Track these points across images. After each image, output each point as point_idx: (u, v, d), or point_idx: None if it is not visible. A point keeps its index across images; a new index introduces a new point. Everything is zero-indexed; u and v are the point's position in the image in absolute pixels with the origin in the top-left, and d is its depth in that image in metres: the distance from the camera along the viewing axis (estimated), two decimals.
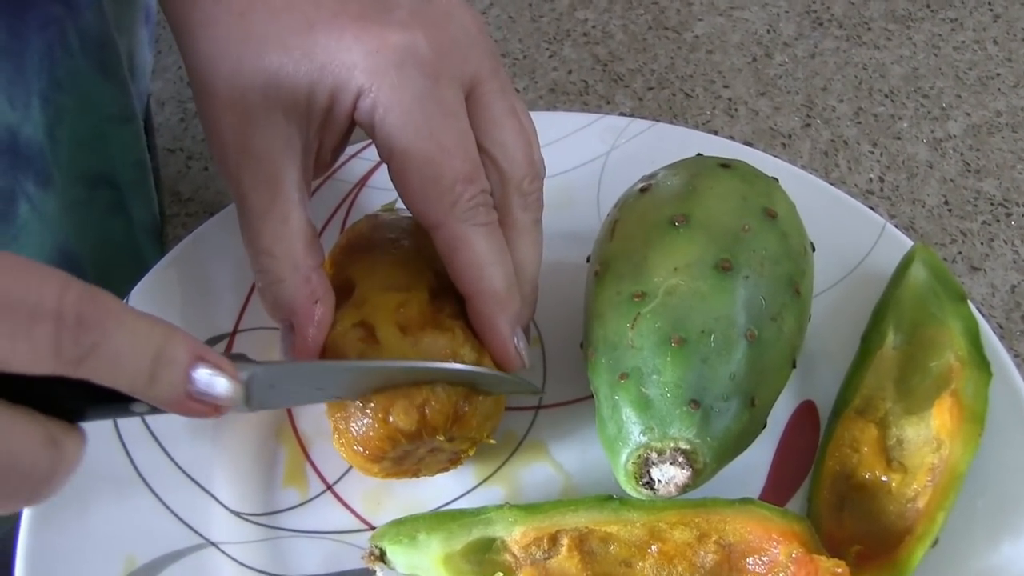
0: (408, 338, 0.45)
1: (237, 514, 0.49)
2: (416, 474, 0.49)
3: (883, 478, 0.48)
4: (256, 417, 0.52)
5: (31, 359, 0.31)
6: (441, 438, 0.45)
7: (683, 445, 0.43)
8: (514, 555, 0.46)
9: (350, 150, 0.62)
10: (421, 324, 0.46)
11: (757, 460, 0.51)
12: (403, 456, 0.46)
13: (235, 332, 0.55)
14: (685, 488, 0.44)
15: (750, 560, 0.45)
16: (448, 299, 0.48)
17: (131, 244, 0.58)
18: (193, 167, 0.68)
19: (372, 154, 0.62)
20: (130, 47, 0.61)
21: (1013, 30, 0.82)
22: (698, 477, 0.44)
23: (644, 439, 0.44)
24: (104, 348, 0.32)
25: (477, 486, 0.51)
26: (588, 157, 0.64)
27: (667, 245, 0.47)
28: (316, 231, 0.46)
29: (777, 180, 0.52)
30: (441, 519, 0.46)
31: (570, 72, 0.78)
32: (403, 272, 0.48)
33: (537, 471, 0.51)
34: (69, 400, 0.34)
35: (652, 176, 0.52)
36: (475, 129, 0.46)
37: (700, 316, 0.45)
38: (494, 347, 0.47)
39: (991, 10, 0.84)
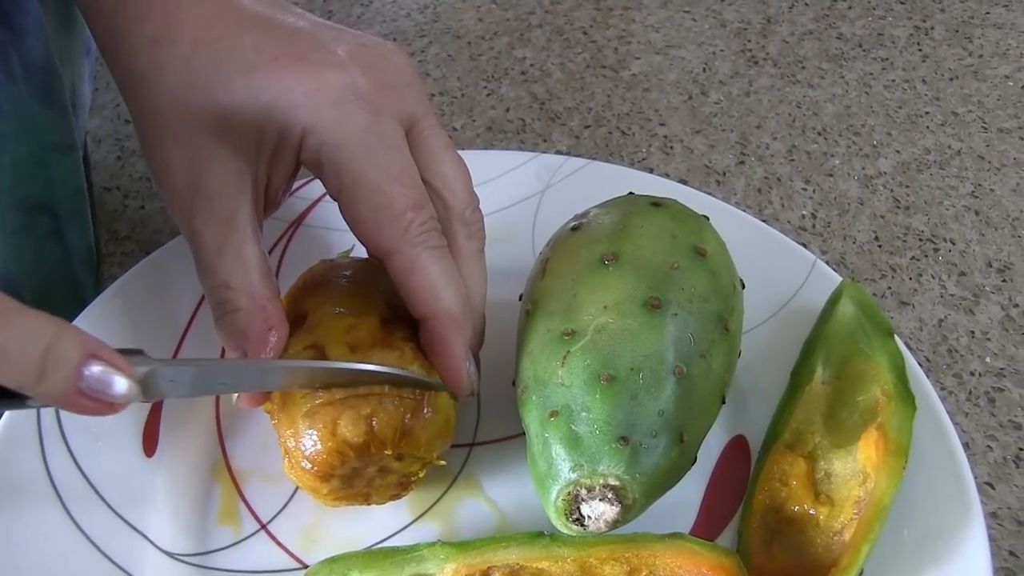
0: (357, 355, 0.46)
1: (169, 554, 0.49)
2: (367, 500, 0.49)
3: (811, 511, 0.49)
4: (190, 455, 0.52)
5: None
6: (389, 453, 0.46)
7: (612, 481, 0.44)
8: None
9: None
10: (371, 344, 0.47)
11: (689, 495, 0.52)
12: (352, 475, 0.46)
13: None
14: (615, 524, 0.44)
15: None
16: (399, 325, 0.48)
17: (68, 273, 0.58)
18: (130, 205, 0.68)
19: (309, 192, 0.63)
20: (73, 79, 0.62)
21: (941, 70, 0.84)
22: (627, 513, 0.44)
23: (574, 476, 0.44)
24: None
25: (411, 523, 0.51)
26: (524, 195, 0.65)
27: (597, 283, 0.48)
28: (269, 264, 0.47)
29: (708, 218, 0.53)
30: (374, 557, 0.46)
31: (508, 110, 0.78)
32: (355, 300, 0.49)
33: (471, 508, 0.52)
34: None
35: (584, 215, 0.53)
36: (416, 163, 0.48)
37: (629, 354, 0.46)
38: (447, 368, 0.47)
39: (920, 50, 0.87)
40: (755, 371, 0.55)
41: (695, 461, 0.48)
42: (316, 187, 0.63)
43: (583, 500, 0.44)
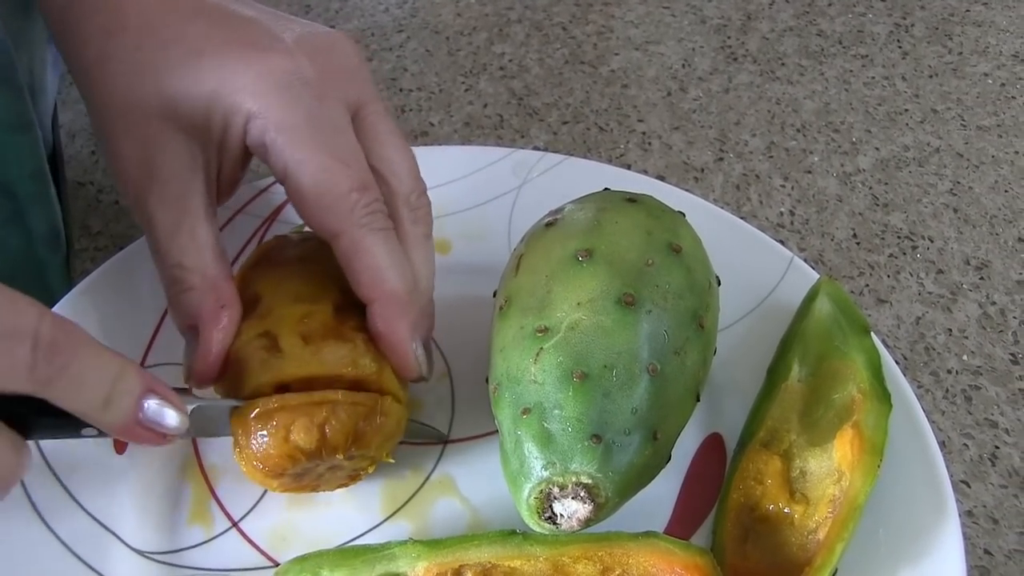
0: (310, 347, 0.46)
1: (140, 552, 0.48)
2: (315, 489, 0.49)
3: (786, 510, 0.48)
4: (161, 453, 0.52)
5: (7, 376, 0.35)
6: (341, 457, 0.46)
7: (585, 480, 0.44)
8: None
9: (261, 183, 0.62)
10: (323, 335, 0.46)
11: (663, 493, 0.51)
12: (302, 473, 0.47)
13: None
14: (587, 522, 0.44)
15: None
16: (352, 314, 0.48)
17: (31, 257, 0.58)
18: (104, 200, 0.68)
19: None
20: (31, 63, 0.61)
21: (920, 67, 0.84)
22: (600, 511, 0.44)
23: (546, 474, 0.44)
24: (71, 371, 0.36)
25: (384, 521, 0.50)
26: (500, 191, 0.64)
27: (571, 279, 0.47)
28: (223, 245, 0.47)
29: (683, 215, 0.53)
30: (345, 555, 0.46)
31: (486, 106, 0.78)
32: (308, 287, 0.49)
33: (444, 506, 0.51)
34: (28, 417, 0.38)
35: (559, 211, 0.52)
36: (363, 148, 0.48)
37: (602, 351, 0.45)
38: (394, 352, 0.47)
39: (900, 47, 0.86)
40: (731, 368, 0.55)
41: (669, 459, 0.48)
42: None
43: (555, 498, 0.44)
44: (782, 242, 0.69)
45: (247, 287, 0.50)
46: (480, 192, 0.64)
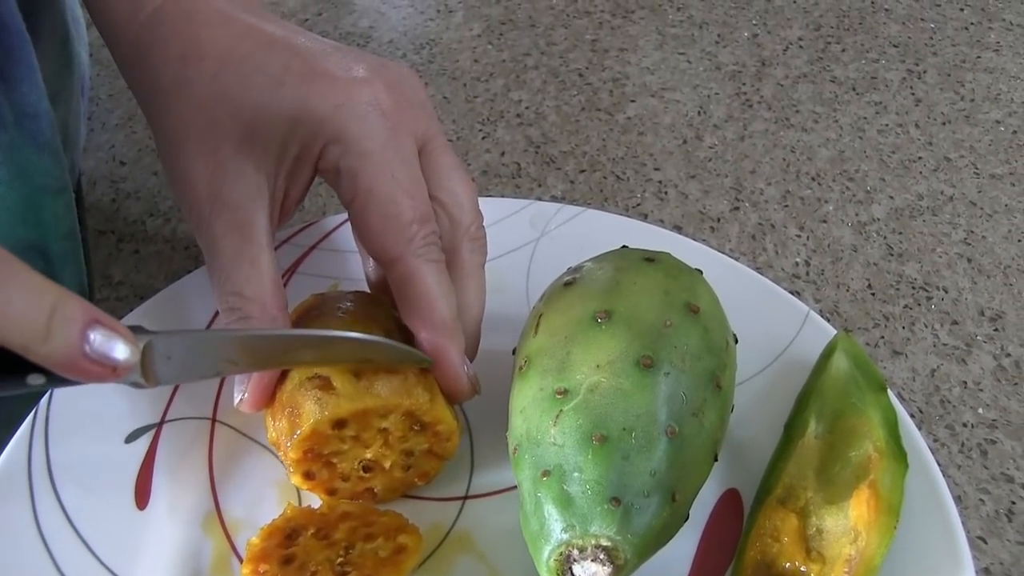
0: (363, 382, 0.48)
1: None
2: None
3: (802, 568, 0.49)
4: (182, 506, 0.52)
5: None
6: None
7: (604, 542, 0.44)
8: None
9: (282, 234, 0.63)
10: (374, 370, 0.49)
11: (680, 550, 0.51)
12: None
13: (162, 422, 0.55)
14: None
15: None
16: None
17: None
18: (124, 249, 0.68)
19: (303, 240, 0.63)
20: (66, 118, 0.63)
21: (933, 114, 0.84)
22: (619, 573, 0.44)
23: (566, 536, 0.44)
24: (2, 296, 0.33)
25: None
26: (518, 243, 0.65)
27: (590, 341, 0.48)
28: (280, 276, 0.50)
29: (701, 272, 0.53)
30: None
31: (503, 154, 0.79)
32: (355, 328, 0.51)
33: (463, 565, 0.51)
34: None
35: (577, 269, 0.53)
36: (426, 179, 0.51)
37: (621, 413, 0.46)
38: (445, 375, 0.50)
39: (913, 94, 0.87)
40: (748, 424, 0.56)
41: (687, 519, 0.48)
42: (311, 233, 0.64)
43: (575, 560, 0.44)
44: (797, 293, 0.70)
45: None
46: (498, 244, 0.63)
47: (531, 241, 0.65)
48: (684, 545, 0.52)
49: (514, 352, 0.53)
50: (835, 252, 0.74)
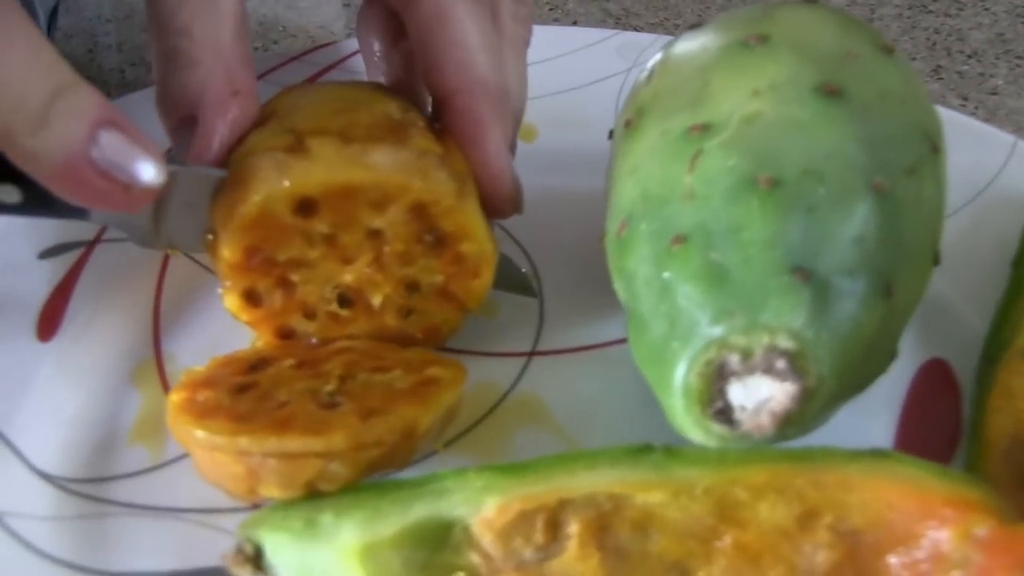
0: (352, 147, 0.32)
1: (47, 477, 0.33)
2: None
3: None
4: (104, 347, 0.37)
5: None
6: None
7: (784, 341, 0.26)
8: (485, 552, 0.27)
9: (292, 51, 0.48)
10: (373, 135, 0.32)
11: (870, 430, 0.34)
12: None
13: (96, 241, 0.40)
14: (786, 421, 0.26)
15: (894, 558, 0.26)
16: (418, 116, 0.35)
17: None
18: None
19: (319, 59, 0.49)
20: None
21: None
22: (811, 401, 0.26)
23: (718, 331, 0.26)
24: None
25: (429, 456, 0.33)
26: (603, 74, 0.50)
27: (739, 67, 0.31)
28: (248, 25, 0.35)
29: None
30: (360, 494, 0.28)
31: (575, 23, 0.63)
32: (347, 90, 0.36)
33: (528, 437, 0.34)
34: None
35: (698, 23, 0.36)
36: None
37: (799, 151, 0.28)
38: (484, 158, 0.34)
39: None
40: (947, 274, 0.37)
41: (895, 356, 0.30)
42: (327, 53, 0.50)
43: (733, 374, 0.26)
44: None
45: (266, 107, 0.35)
46: (576, 75, 0.49)
47: (621, 72, 0.49)
48: (874, 425, 0.34)
49: (610, 135, 0.35)
50: (1016, 122, 0.56)
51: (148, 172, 0.28)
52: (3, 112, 0.26)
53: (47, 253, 0.39)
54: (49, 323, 0.37)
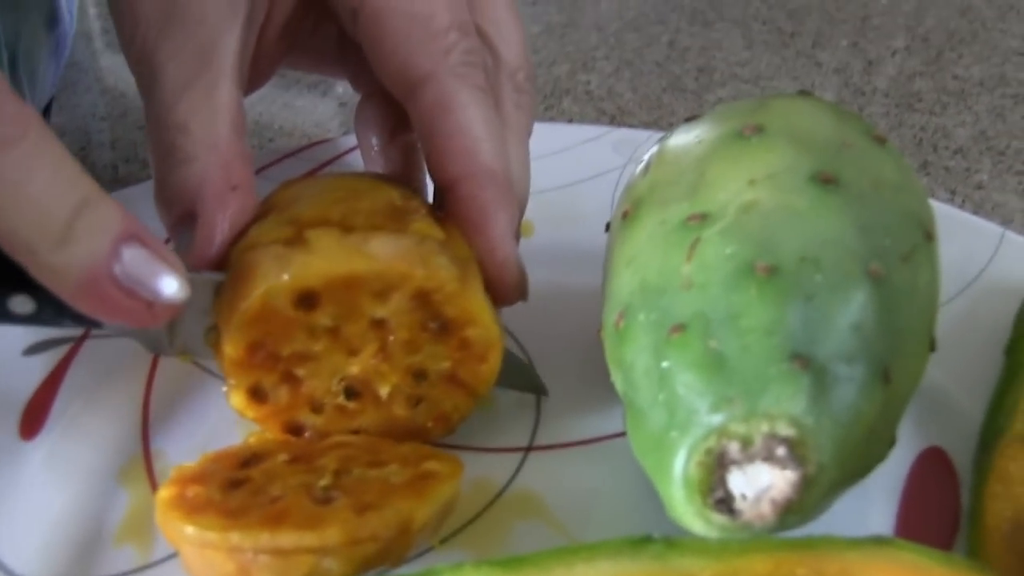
0: (352, 237, 0.31)
1: None
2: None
3: None
4: (92, 445, 0.36)
5: None
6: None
7: (784, 428, 0.25)
8: None
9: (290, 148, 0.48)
10: (374, 223, 0.32)
11: (871, 516, 0.34)
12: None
13: (85, 337, 0.39)
14: (788, 509, 0.26)
15: None
16: (420, 204, 0.35)
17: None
18: None
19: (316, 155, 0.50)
20: (29, 47, 0.54)
21: None
22: (810, 490, 0.26)
23: (718, 418, 0.26)
24: (15, 160, 0.25)
25: (426, 552, 0.32)
26: (599, 170, 0.50)
27: (736, 157, 0.31)
28: (245, 120, 0.35)
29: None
30: None
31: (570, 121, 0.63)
32: (352, 181, 0.35)
33: (526, 531, 0.33)
34: None
35: (694, 116, 0.36)
36: (469, 7, 0.37)
37: (797, 238, 0.28)
38: (489, 245, 0.34)
39: None
40: (942, 363, 0.37)
41: (894, 444, 0.30)
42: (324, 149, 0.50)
43: (733, 462, 0.26)
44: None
45: (267, 200, 0.35)
46: (573, 170, 0.50)
47: (616, 167, 0.49)
48: (875, 511, 0.34)
49: (606, 229, 0.35)
50: (1001, 215, 0.57)
51: (171, 287, 0.28)
52: (26, 227, 0.26)
53: (33, 349, 0.39)
54: (33, 421, 0.36)
